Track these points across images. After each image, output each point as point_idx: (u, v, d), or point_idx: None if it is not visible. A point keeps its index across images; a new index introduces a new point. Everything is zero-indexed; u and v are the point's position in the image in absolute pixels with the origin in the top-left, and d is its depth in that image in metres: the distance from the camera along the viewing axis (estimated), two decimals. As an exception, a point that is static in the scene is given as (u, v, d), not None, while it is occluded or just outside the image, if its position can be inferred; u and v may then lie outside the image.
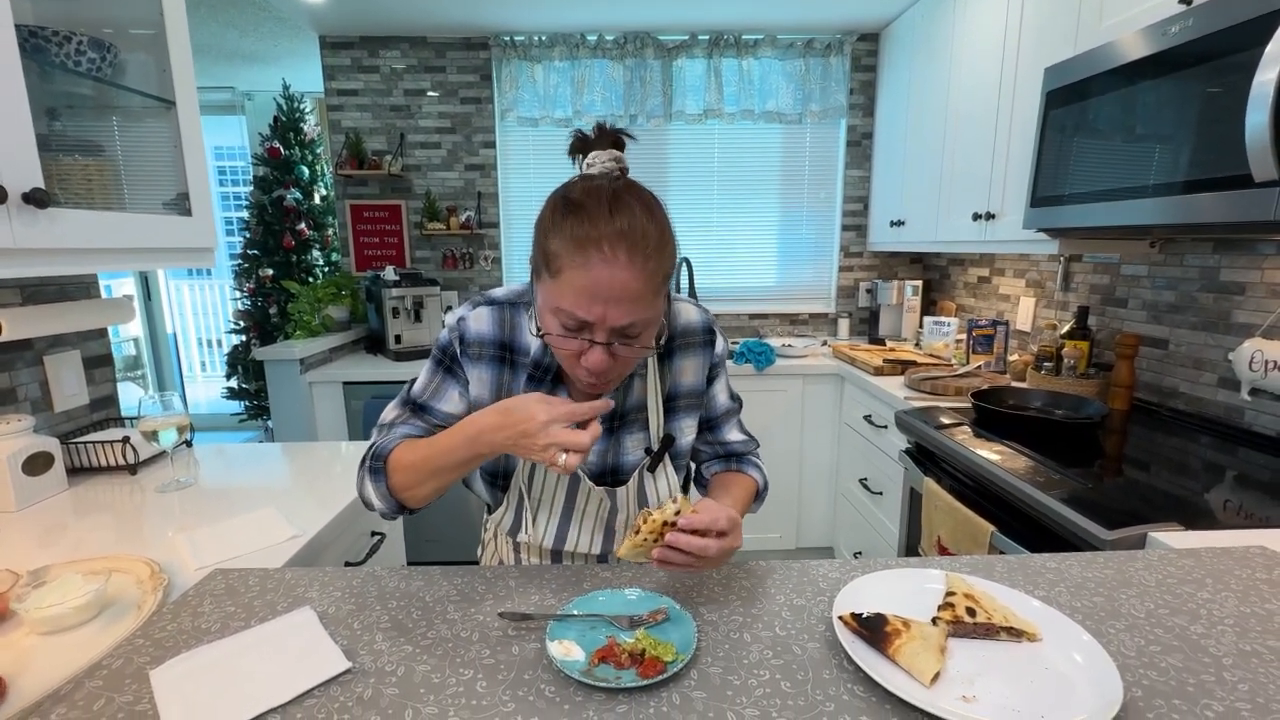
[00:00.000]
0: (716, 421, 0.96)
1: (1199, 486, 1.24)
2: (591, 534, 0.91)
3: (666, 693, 0.59)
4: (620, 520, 0.90)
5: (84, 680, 0.62)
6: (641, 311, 0.70)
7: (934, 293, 3.04)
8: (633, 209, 0.69)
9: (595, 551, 0.91)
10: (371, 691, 0.60)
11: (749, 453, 1.00)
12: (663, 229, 0.71)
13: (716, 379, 0.94)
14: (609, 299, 0.67)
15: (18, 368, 1.25)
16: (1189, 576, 0.80)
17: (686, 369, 0.90)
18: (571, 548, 0.90)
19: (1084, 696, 0.56)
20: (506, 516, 0.91)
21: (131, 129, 1.30)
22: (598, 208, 0.68)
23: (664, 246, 0.70)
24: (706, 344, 0.91)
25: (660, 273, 0.70)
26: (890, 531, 2.07)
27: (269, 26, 3.06)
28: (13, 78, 0.87)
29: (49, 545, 0.99)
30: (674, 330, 0.89)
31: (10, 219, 0.86)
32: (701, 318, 0.91)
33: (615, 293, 0.67)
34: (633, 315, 0.69)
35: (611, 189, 0.70)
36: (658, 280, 0.70)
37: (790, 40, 2.87)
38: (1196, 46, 1.17)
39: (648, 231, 0.68)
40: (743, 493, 0.91)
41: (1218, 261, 1.57)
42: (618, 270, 0.66)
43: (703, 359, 0.91)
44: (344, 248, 3.09)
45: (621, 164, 0.76)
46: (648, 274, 0.68)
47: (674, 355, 0.89)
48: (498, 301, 0.85)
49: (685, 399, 0.90)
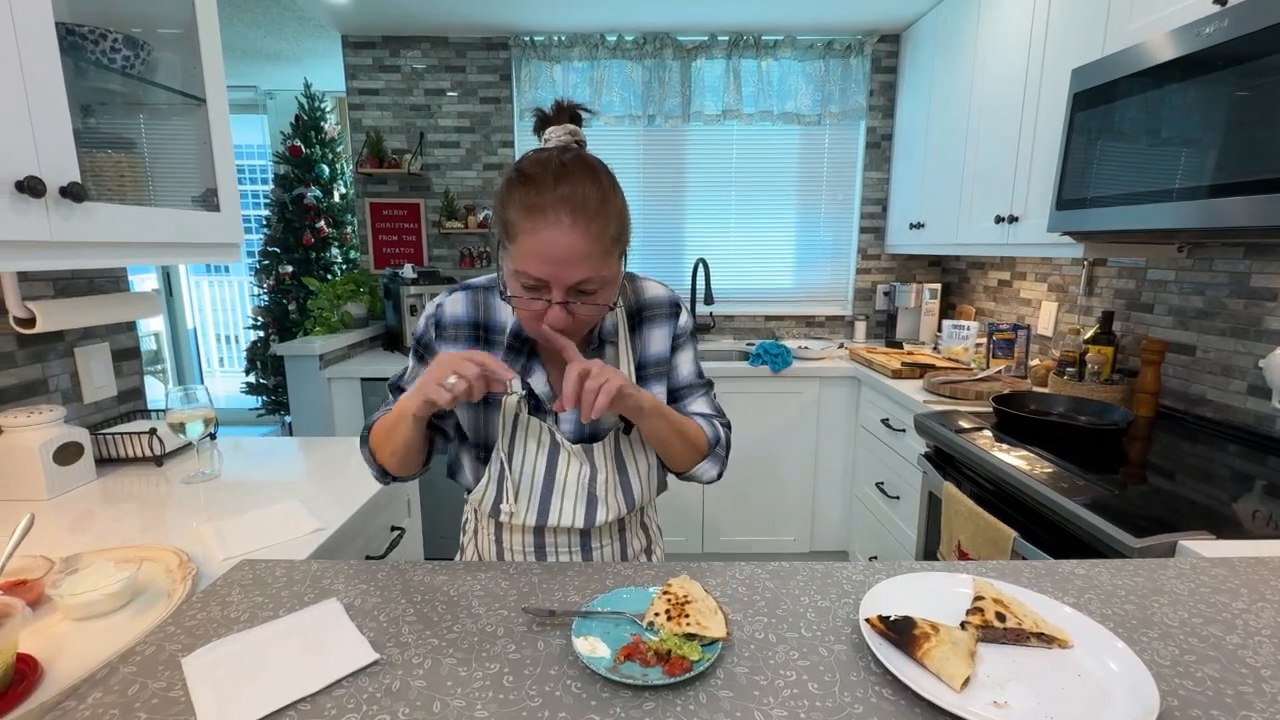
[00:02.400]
0: (681, 393, 0.98)
1: (1228, 495, 1.21)
2: (574, 505, 0.91)
3: (693, 691, 0.59)
4: (601, 482, 0.91)
5: (118, 666, 0.63)
6: (592, 269, 0.76)
7: (952, 296, 3.01)
8: (577, 176, 0.75)
9: (579, 525, 0.91)
10: (399, 683, 0.60)
11: (712, 417, 0.99)
12: (605, 193, 0.76)
13: (680, 349, 0.97)
14: (559, 259, 0.74)
15: (49, 359, 1.28)
16: (1223, 586, 0.78)
17: (653, 338, 0.95)
18: (554, 522, 0.91)
19: (1120, 705, 0.55)
20: (487, 493, 0.92)
21: (161, 125, 1.32)
22: (544, 177, 0.75)
23: (606, 209, 0.76)
24: (672, 315, 0.96)
25: (606, 234, 0.76)
26: (907, 536, 2.05)
27: (292, 26, 3.10)
28: (53, 75, 0.89)
29: (79, 533, 1.01)
30: (641, 303, 0.95)
31: (49, 212, 0.87)
32: (665, 293, 0.97)
33: (564, 253, 0.74)
34: (585, 272, 0.75)
35: (559, 160, 0.77)
36: (605, 241, 0.76)
37: (810, 41, 2.86)
38: (1231, 48, 1.15)
39: (589, 196, 0.74)
40: (679, 418, 0.90)
41: (1248, 267, 1.54)
42: (563, 232, 0.73)
43: (668, 328, 0.96)
44: (363, 245, 3.12)
45: (576, 136, 0.83)
46: (592, 235, 0.74)
47: (642, 325, 0.95)
48: (473, 286, 0.92)
49: (654, 366, 0.95)
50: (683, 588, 0.72)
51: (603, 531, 0.97)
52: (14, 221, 0.83)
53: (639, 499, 0.96)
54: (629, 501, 0.95)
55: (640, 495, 0.96)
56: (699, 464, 0.94)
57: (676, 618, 0.67)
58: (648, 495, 0.98)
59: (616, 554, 0.99)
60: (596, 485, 0.91)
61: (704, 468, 0.95)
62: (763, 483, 2.65)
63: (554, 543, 0.95)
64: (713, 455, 0.95)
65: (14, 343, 1.20)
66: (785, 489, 2.66)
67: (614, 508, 0.93)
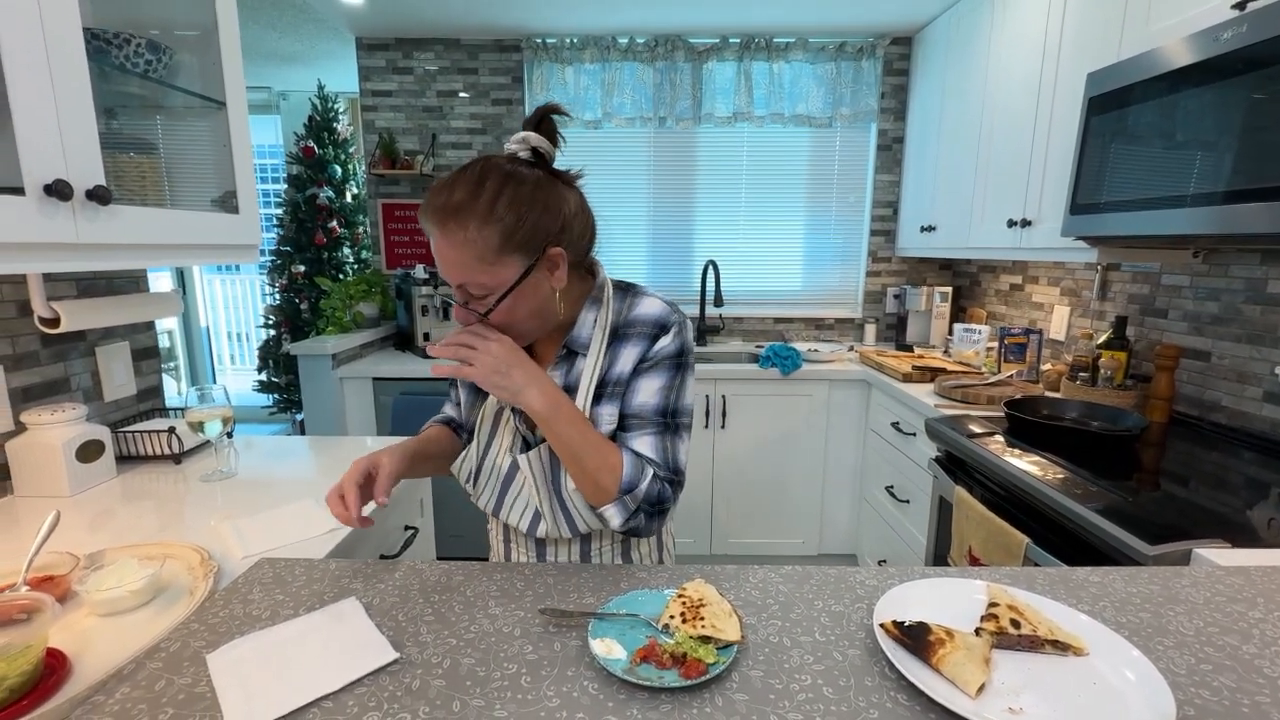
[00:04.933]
0: (628, 421, 0.86)
1: (1242, 503, 1.21)
2: (524, 509, 0.89)
3: (709, 694, 0.60)
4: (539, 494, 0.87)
5: (144, 661, 0.64)
6: (467, 275, 0.77)
7: (963, 299, 3.00)
8: (459, 186, 0.76)
9: (523, 529, 0.90)
10: (419, 682, 0.61)
11: (649, 462, 0.85)
12: (483, 202, 0.75)
13: (644, 374, 0.86)
14: (442, 264, 0.78)
15: (72, 358, 1.30)
16: (1239, 595, 0.78)
17: (621, 357, 0.87)
18: (505, 519, 0.92)
19: (1136, 713, 0.55)
20: (464, 467, 0.96)
21: (182, 128, 1.34)
22: (436, 188, 0.78)
23: (473, 217, 0.75)
24: (650, 336, 0.87)
25: (479, 242, 0.75)
26: (917, 540, 2.05)
27: (307, 28, 3.12)
28: (81, 81, 0.91)
29: (100, 530, 1.03)
30: (627, 318, 0.89)
31: (75, 215, 0.89)
32: (658, 312, 0.88)
33: (442, 259, 0.78)
34: (461, 278, 0.78)
35: (459, 171, 0.78)
36: (478, 248, 0.75)
37: (822, 43, 2.85)
38: (1249, 53, 1.14)
39: (460, 205, 0.75)
40: (585, 439, 0.80)
41: (1265, 273, 1.53)
42: (437, 240, 0.77)
43: (639, 349, 0.87)
44: (375, 245, 3.14)
45: (529, 143, 0.81)
46: (460, 244, 0.75)
47: (618, 342, 0.88)
48: None
49: (612, 386, 0.87)
50: (697, 591, 0.73)
51: (559, 545, 0.94)
52: (42, 224, 0.85)
53: (580, 524, 0.86)
54: (569, 523, 0.87)
55: (579, 519, 0.86)
56: (605, 504, 0.82)
57: (692, 620, 0.67)
58: (595, 522, 0.86)
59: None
60: (539, 496, 0.86)
61: (609, 511, 0.82)
62: (772, 485, 2.65)
63: (515, 541, 0.97)
64: (618, 501, 0.81)
65: (38, 342, 1.22)
66: (794, 492, 2.66)
67: (555, 525, 0.87)
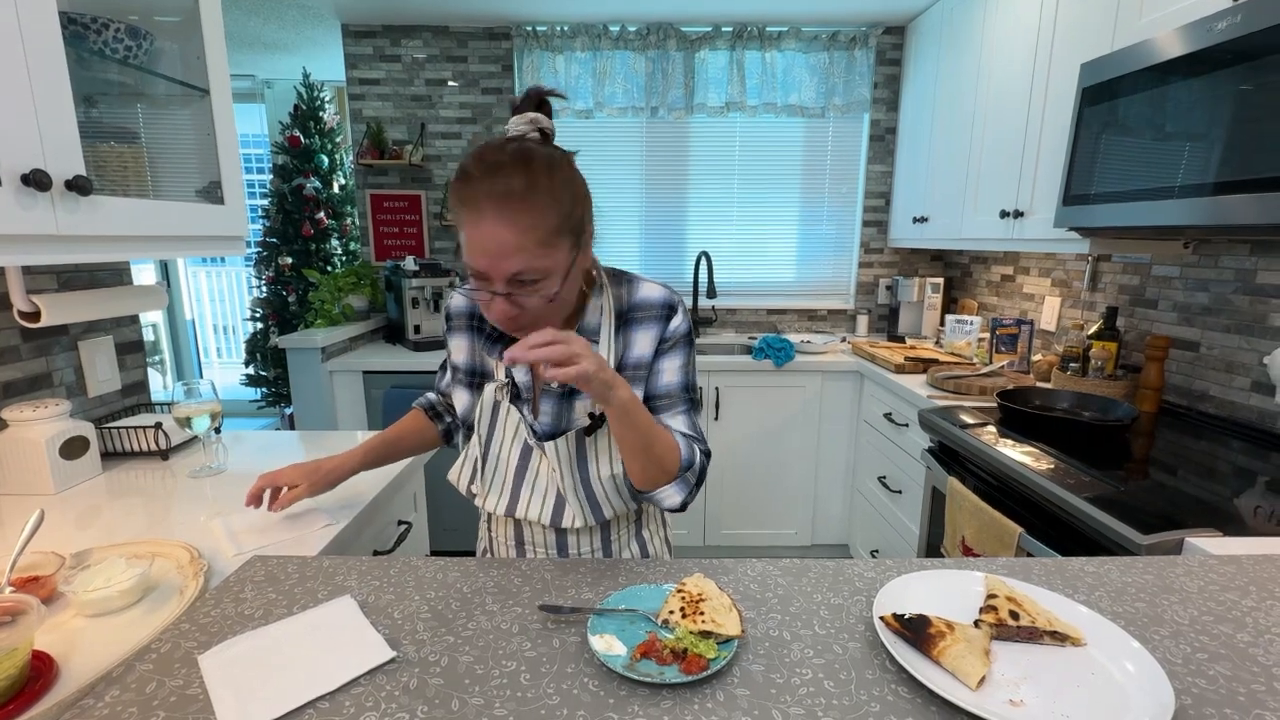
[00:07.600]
0: (658, 403, 0.89)
1: (1231, 492, 1.22)
2: (543, 501, 0.89)
3: (710, 689, 0.59)
4: (564, 483, 0.88)
5: (134, 663, 0.63)
6: (525, 261, 0.74)
7: (955, 290, 3.01)
8: (507, 169, 0.74)
9: (545, 521, 0.90)
10: (417, 681, 0.60)
11: (690, 438, 0.89)
12: (536, 184, 0.74)
13: (665, 354, 0.89)
14: (489, 252, 0.74)
15: (54, 353, 1.27)
16: (1231, 584, 0.79)
17: (637, 341, 0.89)
18: (523, 515, 0.91)
19: (1136, 703, 0.56)
20: (463, 471, 0.95)
21: (164, 117, 1.31)
22: (477, 170, 0.75)
23: (536, 200, 0.74)
24: (662, 318, 0.89)
25: (540, 225, 0.74)
26: (909, 530, 2.06)
27: (292, 14, 3.06)
28: (57, 67, 0.88)
29: (86, 528, 1.00)
30: (632, 303, 0.90)
31: (54, 206, 0.87)
32: (662, 295, 0.91)
33: (493, 246, 0.74)
34: (518, 264, 0.74)
35: (497, 151, 0.76)
36: (539, 232, 0.74)
37: (814, 33, 2.84)
38: (1243, 43, 1.14)
39: (513, 188, 0.73)
40: (654, 426, 0.81)
41: (1254, 264, 1.54)
42: (488, 225, 0.73)
43: (655, 331, 0.89)
44: (364, 237, 3.10)
45: (538, 124, 0.81)
46: (521, 227, 0.73)
47: (628, 327, 0.89)
48: None
49: (632, 370, 0.88)
50: (697, 586, 0.72)
51: (581, 535, 0.94)
52: (20, 215, 0.83)
53: (606, 510, 0.90)
54: (595, 511, 0.89)
55: (606, 505, 0.90)
56: (664, 486, 0.84)
57: (692, 615, 0.67)
58: (621, 507, 0.91)
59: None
60: (564, 485, 0.88)
61: (668, 491, 0.84)
62: (764, 476, 2.66)
63: (530, 539, 0.96)
64: (681, 479, 0.84)
65: (19, 336, 1.20)
66: (787, 482, 2.67)
67: (580, 514, 0.88)
